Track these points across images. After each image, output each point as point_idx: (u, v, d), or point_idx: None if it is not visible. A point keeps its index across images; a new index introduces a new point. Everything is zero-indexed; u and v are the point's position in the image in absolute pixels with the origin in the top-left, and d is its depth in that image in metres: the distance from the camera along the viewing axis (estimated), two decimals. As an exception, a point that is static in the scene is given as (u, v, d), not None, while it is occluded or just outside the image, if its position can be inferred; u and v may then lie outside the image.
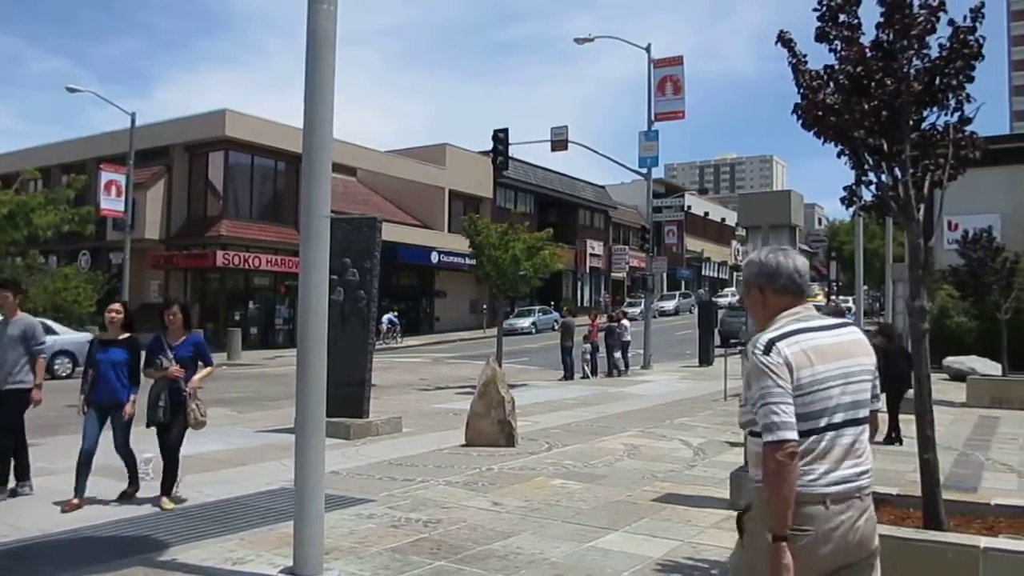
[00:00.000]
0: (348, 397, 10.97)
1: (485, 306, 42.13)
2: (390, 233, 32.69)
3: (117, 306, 7.45)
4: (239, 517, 6.80)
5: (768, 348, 2.72)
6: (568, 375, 21.76)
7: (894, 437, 11.42)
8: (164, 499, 7.05)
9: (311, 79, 5.25)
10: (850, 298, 42.19)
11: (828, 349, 2.76)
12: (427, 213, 43.52)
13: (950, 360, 21.93)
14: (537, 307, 45.78)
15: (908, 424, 6.76)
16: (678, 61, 28.63)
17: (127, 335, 7.30)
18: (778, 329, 2.78)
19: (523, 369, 24.43)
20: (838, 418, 2.71)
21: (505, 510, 7.06)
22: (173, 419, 7.01)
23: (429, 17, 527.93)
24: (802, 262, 2.90)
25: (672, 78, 28.25)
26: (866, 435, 2.83)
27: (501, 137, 27.73)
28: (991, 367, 19.50)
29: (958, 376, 19.73)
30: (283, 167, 34.36)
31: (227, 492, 7.68)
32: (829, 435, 2.69)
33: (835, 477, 2.68)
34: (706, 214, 76.17)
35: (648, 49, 28.15)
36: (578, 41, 29.42)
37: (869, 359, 2.86)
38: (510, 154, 29.32)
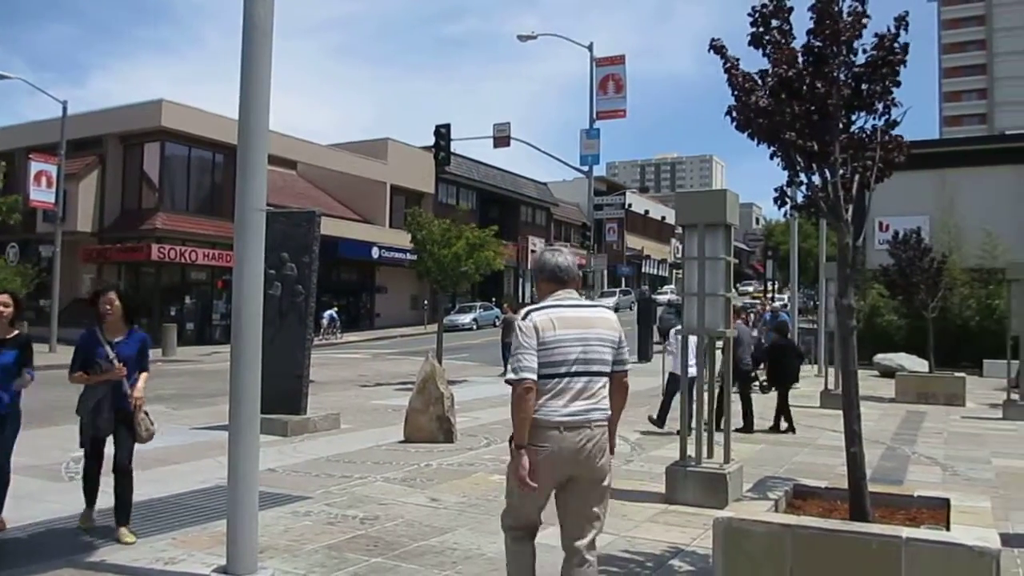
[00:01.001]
0: (285, 393, 10.86)
1: (426, 302, 42.00)
2: (330, 228, 32.46)
3: (5, 297, 5.99)
4: (172, 516, 6.67)
5: (525, 316, 3.85)
6: (509, 371, 21.80)
7: (785, 427, 11.99)
8: (123, 531, 5.88)
9: (247, 68, 5.16)
10: (785, 295, 43.07)
11: (571, 319, 3.81)
12: (368, 208, 43.20)
13: (880, 357, 22.58)
14: (478, 303, 45.82)
15: (836, 419, 6.89)
16: (620, 60, 28.94)
17: (15, 332, 5.98)
18: (539, 304, 3.94)
19: (463, 365, 24.43)
20: (573, 368, 3.74)
21: (443, 506, 7.06)
22: (120, 432, 5.89)
23: (372, 10, 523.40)
24: (563, 260, 3.99)
25: (614, 77, 28.55)
26: (600, 384, 3.82)
27: (443, 133, 27.69)
28: (919, 364, 20.11)
29: (887, 372, 20.32)
30: (221, 159, 33.70)
31: (160, 491, 7.53)
32: (565, 380, 3.73)
33: (568, 410, 3.72)
34: (646, 212, 76.96)
35: (590, 48, 28.38)
36: (521, 38, 29.52)
37: (609, 331, 3.90)
38: (453, 150, 29.28)
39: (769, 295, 52.88)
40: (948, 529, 4.21)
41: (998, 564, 3.80)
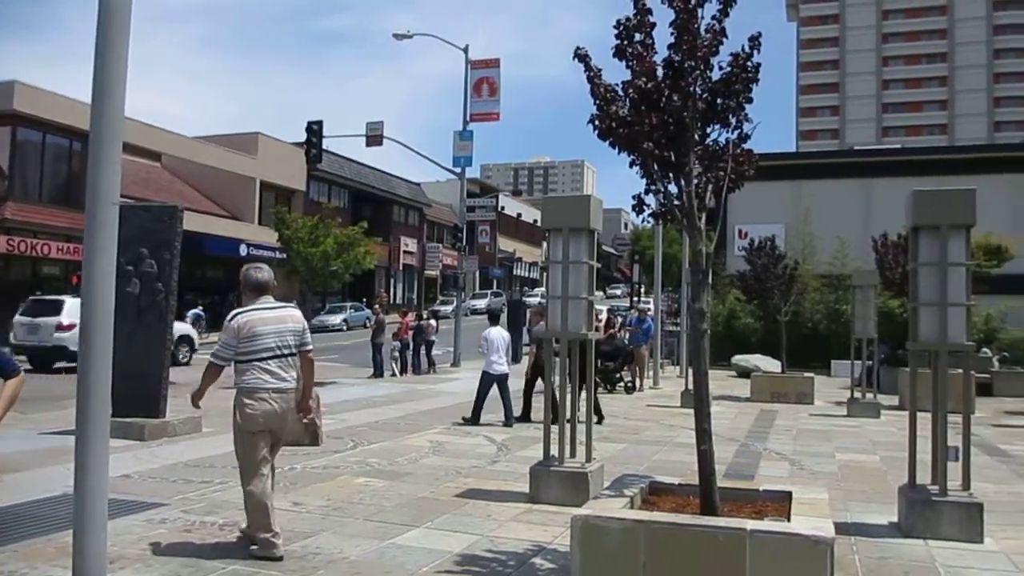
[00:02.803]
0: (143, 395, 10.41)
1: (295, 302, 41.09)
2: (196, 223, 31.33)
3: None
4: (14, 527, 6.31)
5: (232, 318, 5.56)
6: (378, 373, 21.62)
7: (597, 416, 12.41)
8: None
9: (102, 52, 4.91)
10: (650, 299, 44.34)
11: (268, 318, 5.56)
12: (237, 204, 41.94)
13: (737, 358, 23.58)
14: (349, 304, 45.18)
15: (688, 417, 7.11)
16: (495, 63, 29.15)
17: None
18: (243, 308, 5.60)
19: (332, 366, 24.01)
20: (271, 353, 5.52)
21: (306, 510, 6.96)
22: None
23: (238, 0, 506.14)
24: (264, 275, 5.71)
25: (488, 80, 28.73)
26: (290, 363, 5.62)
27: (316, 130, 27.19)
28: (772, 364, 21.12)
29: (744, 373, 21.25)
30: (79, 147, 31.94)
31: (2, 500, 7.10)
32: (266, 361, 5.49)
33: (271, 382, 5.51)
34: (519, 215, 77.81)
35: (466, 50, 28.46)
36: (397, 37, 29.31)
37: (295, 324, 5.68)
38: (325, 147, 28.81)
39: (636, 298, 54.31)
40: (789, 520, 4.47)
41: (832, 551, 4.07)
